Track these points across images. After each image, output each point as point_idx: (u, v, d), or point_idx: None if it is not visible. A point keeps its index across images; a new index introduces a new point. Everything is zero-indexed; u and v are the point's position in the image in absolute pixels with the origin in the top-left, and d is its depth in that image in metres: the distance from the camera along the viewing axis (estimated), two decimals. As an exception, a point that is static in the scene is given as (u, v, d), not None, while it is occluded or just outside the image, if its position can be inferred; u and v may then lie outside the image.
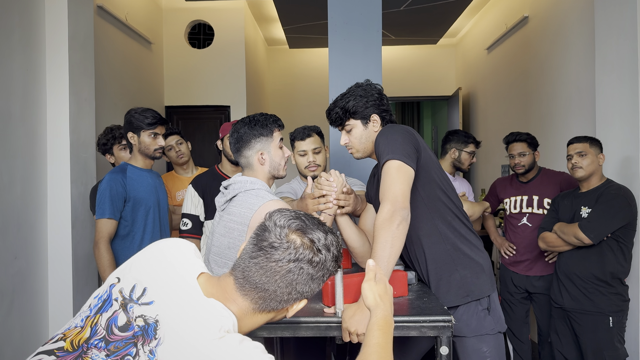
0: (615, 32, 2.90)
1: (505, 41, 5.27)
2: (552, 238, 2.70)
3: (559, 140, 3.80)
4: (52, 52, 3.09)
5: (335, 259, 1.04)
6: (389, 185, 1.61)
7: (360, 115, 1.87)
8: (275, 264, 0.98)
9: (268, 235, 1.00)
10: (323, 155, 2.54)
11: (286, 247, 0.98)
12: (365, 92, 1.88)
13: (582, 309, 2.59)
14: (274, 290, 0.99)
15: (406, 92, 7.42)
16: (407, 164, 1.65)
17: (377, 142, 1.76)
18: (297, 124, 8.76)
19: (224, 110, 5.75)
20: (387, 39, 6.60)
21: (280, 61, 7.57)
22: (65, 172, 3.10)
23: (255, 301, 1.01)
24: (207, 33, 5.86)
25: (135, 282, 1.00)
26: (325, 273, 1.03)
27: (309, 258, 0.99)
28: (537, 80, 4.44)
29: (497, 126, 5.61)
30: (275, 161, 1.94)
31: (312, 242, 1.00)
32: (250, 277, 0.99)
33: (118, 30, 4.48)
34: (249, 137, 1.89)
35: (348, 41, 3.04)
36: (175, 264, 1.03)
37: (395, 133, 1.74)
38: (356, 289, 1.64)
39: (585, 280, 2.57)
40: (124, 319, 0.97)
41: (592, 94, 3.34)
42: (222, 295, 1.01)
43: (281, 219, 1.01)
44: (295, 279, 0.99)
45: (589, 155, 2.61)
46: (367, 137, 1.89)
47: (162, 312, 0.95)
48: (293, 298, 1.02)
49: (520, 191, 3.18)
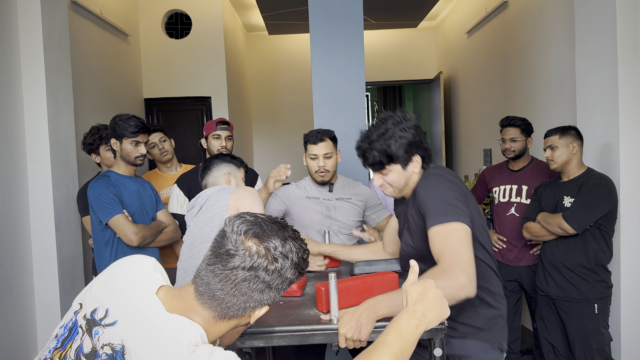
0: (595, 20, 2.92)
1: (485, 25, 5.27)
2: (536, 228, 2.74)
3: (539, 125, 3.84)
4: (27, 53, 3.01)
5: (295, 266, 1.01)
6: (458, 251, 1.50)
7: (402, 160, 1.70)
8: (230, 271, 0.96)
9: (226, 242, 0.98)
10: (334, 160, 2.54)
11: (242, 255, 0.96)
12: (405, 133, 1.69)
13: (568, 297, 2.64)
14: (230, 299, 0.98)
15: (387, 77, 7.41)
16: (468, 225, 1.56)
17: (424, 196, 1.63)
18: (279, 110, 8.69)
19: (205, 101, 5.68)
20: (367, 23, 6.55)
21: (260, 48, 7.49)
22: (47, 174, 3.05)
23: (214, 309, 1.00)
24: (184, 22, 5.75)
25: (97, 305, 0.98)
26: (284, 281, 1.01)
27: (264, 266, 0.97)
28: (517, 65, 4.46)
29: (478, 110, 5.65)
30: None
31: (268, 250, 0.98)
32: (208, 286, 0.98)
33: (93, 24, 4.37)
34: (219, 162, 2.24)
35: (330, 35, 3.02)
36: (133, 281, 1.02)
37: (447, 189, 1.61)
38: (350, 294, 1.65)
39: (571, 268, 2.62)
40: (89, 345, 0.95)
41: (572, 80, 3.37)
42: (184, 307, 1.00)
43: (239, 225, 0.99)
44: (251, 287, 0.98)
45: (560, 147, 2.67)
46: (405, 178, 1.74)
47: (128, 336, 0.93)
48: (251, 306, 1.01)
49: (510, 180, 3.18)
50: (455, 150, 6.66)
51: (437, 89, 6.67)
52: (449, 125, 6.80)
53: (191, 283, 1.02)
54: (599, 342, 2.58)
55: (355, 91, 3.03)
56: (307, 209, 2.57)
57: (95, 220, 2.47)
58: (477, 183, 3.45)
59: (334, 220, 2.57)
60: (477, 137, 5.67)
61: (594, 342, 2.58)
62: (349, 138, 3.01)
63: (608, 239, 2.60)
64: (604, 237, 2.58)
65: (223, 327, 1.03)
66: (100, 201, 2.41)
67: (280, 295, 1.04)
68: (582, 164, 2.72)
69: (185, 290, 1.02)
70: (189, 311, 0.99)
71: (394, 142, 1.68)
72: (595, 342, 2.58)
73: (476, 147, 5.68)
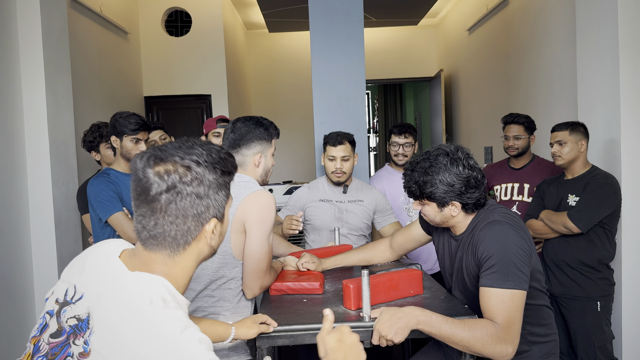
0: (596, 16, 2.91)
1: (486, 23, 5.26)
2: (539, 225, 2.72)
3: (540, 122, 3.83)
4: (26, 51, 2.99)
5: (213, 166, 0.98)
6: (513, 318, 1.49)
7: (438, 201, 1.63)
8: (154, 203, 0.95)
9: (137, 183, 0.96)
10: (351, 163, 2.57)
11: (154, 182, 0.94)
12: (452, 179, 1.58)
13: (571, 295, 2.63)
14: (169, 228, 0.96)
15: (388, 74, 7.40)
16: (526, 290, 1.54)
17: (487, 249, 1.55)
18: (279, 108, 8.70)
19: (205, 99, 5.67)
20: (368, 21, 6.54)
21: (260, 46, 7.47)
22: (46, 172, 3.04)
23: (164, 247, 0.97)
24: (184, 20, 5.74)
25: (67, 286, 0.98)
26: (211, 185, 0.98)
27: (179, 179, 0.95)
28: (518, 63, 4.45)
29: (479, 108, 5.63)
30: (268, 167, 1.92)
31: (175, 164, 0.95)
32: (146, 231, 0.96)
33: (93, 22, 4.36)
34: (251, 137, 1.86)
35: (330, 33, 3.00)
36: (99, 253, 1.02)
37: (514, 246, 1.53)
38: (377, 291, 1.67)
39: (574, 266, 2.60)
40: (55, 326, 0.95)
41: (573, 77, 3.36)
42: (141, 263, 0.98)
43: (141, 161, 0.96)
44: (180, 206, 0.95)
45: (569, 143, 2.62)
46: (442, 218, 1.67)
47: (92, 303, 0.92)
48: (194, 225, 0.98)
49: (512, 178, 3.16)
50: (456, 148, 6.63)
51: (438, 86, 6.65)
52: (449, 123, 6.79)
53: (137, 243, 1.01)
54: (601, 340, 2.57)
55: (355, 89, 3.01)
56: (320, 212, 2.61)
57: (95, 218, 2.46)
58: (478, 181, 3.43)
59: (345, 223, 2.60)
60: (478, 135, 5.65)
61: (597, 340, 2.56)
62: (349, 135, 3.01)
63: (611, 237, 2.58)
64: (607, 236, 2.56)
65: (185, 262, 0.99)
66: (100, 199, 2.41)
67: (219, 201, 1.00)
68: (587, 161, 2.69)
69: (137, 250, 1.00)
70: (145, 264, 0.97)
71: (433, 181, 1.59)
72: (597, 339, 2.56)
73: (477, 145, 5.67)
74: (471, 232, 1.65)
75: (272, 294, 1.88)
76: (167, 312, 0.89)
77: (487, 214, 1.64)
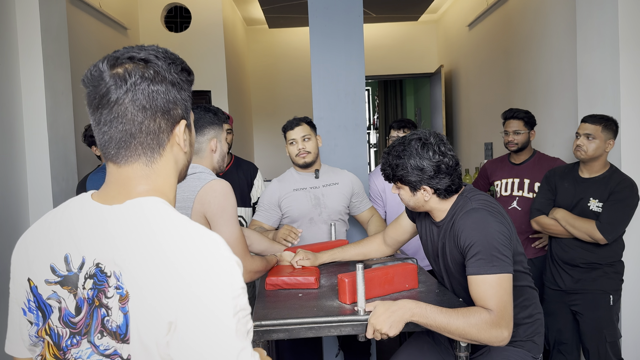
0: (596, 11, 2.90)
1: (486, 18, 5.24)
2: (550, 223, 2.59)
3: (540, 118, 3.82)
4: (25, 46, 2.99)
5: (172, 59, 0.91)
6: (506, 305, 1.52)
7: (409, 184, 1.69)
8: (119, 106, 0.86)
9: (94, 91, 0.87)
10: (313, 143, 2.56)
11: (115, 83, 0.86)
12: (422, 162, 1.63)
13: (583, 289, 2.54)
14: (141, 128, 0.88)
15: (388, 70, 7.38)
16: (512, 272, 1.57)
17: (469, 237, 1.59)
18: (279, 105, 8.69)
19: (205, 95, 5.66)
20: (368, 16, 6.52)
21: (260, 42, 7.46)
22: (45, 168, 3.04)
23: (139, 154, 0.89)
24: (183, 16, 5.73)
25: (51, 262, 0.88)
26: (175, 79, 0.91)
27: (142, 75, 0.87)
28: (518, 58, 4.43)
29: (479, 104, 5.62)
30: (224, 151, 1.94)
31: (132, 59, 0.88)
32: (116, 142, 0.88)
33: (92, 17, 4.35)
34: (203, 123, 1.88)
35: (329, 28, 2.99)
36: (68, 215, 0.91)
37: (494, 232, 1.57)
38: (372, 285, 1.68)
39: (584, 265, 2.53)
40: (71, 303, 0.86)
41: (573, 72, 3.35)
42: (119, 187, 0.90)
43: (93, 70, 0.88)
44: (148, 103, 0.87)
45: (598, 139, 2.44)
46: (415, 202, 1.73)
47: (100, 254, 0.84)
48: (166, 123, 0.90)
49: (512, 173, 3.14)
50: (456, 144, 6.64)
51: (438, 82, 6.64)
52: (450, 119, 6.78)
53: (108, 165, 0.92)
54: (612, 336, 2.49)
55: (355, 84, 3.00)
56: (295, 202, 2.57)
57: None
58: (478, 176, 3.43)
59: (324, 208, 2.57)
60: (478, 131, 5.65)
61: (608, 335, 2.48)
62: (348, 131, 3.00)
63: (620, 238, 2.53)
64: (620, 236, 2.49)
65: (165, 171, 0.92)
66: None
67: (184, 98, 0.94)
68: (606, 161, 2.55)
69: (109, 175, 0.91)
70: (125, 187, 0.89)
71: (404, 165, 1.65)
72: (609, 335, 2.48)
73: (477, 141, 5.66)
74: (451, 219, 1.69)
75: (267, 288, 1.88)
76: (181, 215, 0.86)
77: (466, 202, 1.67)
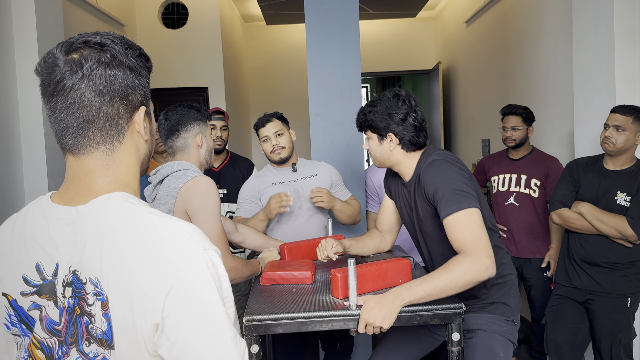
0: (592, 8, 2.90)
1: (483, 15, 5.24)
2: (573, 217, 2.45)
3: (537, 115, 3.82)
4: (20, 42, 2.98)
5: (128, 44, 0.88)
6: (478, 233, 1.57)
7: (377, 131, 1.81)
8: (74, 92, 0.82)
9: (47, 77, 0.83)
10: (286, 137, 2.54)
11: (70, 69, 0.82)
12: (391, 109, 1.77)
13: (602, 290, 2.43)
14: (99, 113, 0.84)
15: (386, 67, 7.37)
16: (479, 208, 1.63)
17: (433, 185, 1.67)
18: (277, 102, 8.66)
19: (202, 92, 5.65)
20: (366, 13, 6.51)
21: (258, 38, 7.44)
22: (42, 164, 3.04)
23: (98, 142, 0.85)
24: (180, 12, 5.71)
25: (24, 273, 0.86)
26: (132, 63, 0.87)
27: (97, 59, 0.83)
28: (516, 55, 4.43)
29: (477, 100, 5.62)
30: (210, 146, 1.96)
31: (87, 44, 0.84)
32: (73, 130, 0.84)
33: (88, 14, 4.34)
34: (187, 119, 1.89)
35: (325, 23, 2.99)
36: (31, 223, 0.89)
37: (453, 176, 1.66)
38: (365, 280, 1.69)
39: (604, 265, 2.42)
40: (53, 312, 0.84)
41: (569, 70, 3.35)
42: (80, 183, 0.86)
43: (48, 54, 0.85)
44: (106, 88, 0.84)
45: (628, 131, 2.31)
46: (382, 152, 1.84)
47: (74, 260, 0.81)
48: (125, 108, 0.87)
49: (510, 169, 3.13)
50: (454, 140, 6.64)
51: (436, 79, 6.64)
52: (447, 115, 6.78)
53: (67, 159, 0.88)
54: (627, 338, 2.41)
55: (350, 80, 3.00)
56: None
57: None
58: (475, 171, 3.42)
59: (304, 201, 2.57)
60: (476, 127, 5.65)
61: (623, 338, 2.40)
62: (344, 127, 3.00)
63: None
64: None
65: (127, 159, 0.89)
66: None
67: (142, 84, 0.90)
68: (634, 155, 2.42)
69: (68, 170, 0.87)
70: (86, 180, 0.86)
71: (375, 110, 1.79)
72: (624, 337, 2.40)
73: (475, 137, 5.66)
74: (417, 176, 1.77)
75: (262, 283, 1.89)
76: (149, 210, 0.84)
77: (427, 157, 1.77)
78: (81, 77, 0.83)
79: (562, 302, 2.60)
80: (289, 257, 2.17)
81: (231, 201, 2.95)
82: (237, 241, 2.29)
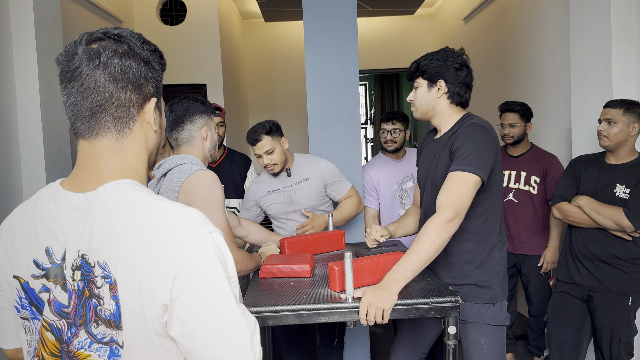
0: (589, 5, 2.91)
1: (481, 12, 5.24)
2: (572, 211, 2.45)
3: (535, 111, 3.83)
4: (18, 37, 2.98)
5: (144, 40, 0.93)
6: (461, 195, 1.64)
7: (427, 76, 1.87)
8: (89, 78, 0.86)
9: (67, 64, 0.87)
10: (278, 152, 2.54)
11: (87, 57, 0.86)
12: (447, 58, 1.86)
13: (603, 288, 2.43)
14: (110, 99, 0.87)
15: (384, 64, 7.38)
16: (483, 181, 1.70)
17: (464, 142, 1.74)
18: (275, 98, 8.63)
19: (200, 89, 5.65)
20: (364, 10, 6.51)
21: (256, 35, 7.44)
22: (40, 160, 3.04)
23: (109, 127, 0.88)
24: (179, 9, 5.71)
25: (34, 257, 0.88)
26: (148, 56, 0.92)
27: (113, 49, 0.88)
28: (514, 51, 4.44)
29: (475, 97, 5.59)
30: (215, 139, 1.95)
31: (106, 34, 0.89)
32: (85, 113, 0.87)
33: (86, 10, 4.34)
34: (192, 111, 1.89)
35: (323, 20, 2.99)
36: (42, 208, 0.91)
37: (484, 143, 1.74)
38: (363, 273, 1.70)
39: (607, 261, 2.41)
40: (62, 296, 0.86)
41: (567, 66, 3.36)
42: (89, 168, 0.88)
43: (70, 44, 0.89)
44: (120, 75, 0.88)
45: (619, 123, 2.33)
46: (427, 101, 1.90)
47: (83, 245, 0.83)
48: (137, 97, 0.91)
49: (509, 166, 3.14)
50: (451, 137, 6.64)
51: (434, 76, 6.63)
52: (445, 112, 6.78)
53: (78, 144, 0.91)
54: (627, 336, 2.42)
55: (348, 76, 3.01)
56: (271, 202, 2.65)
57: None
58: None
59: (297, 205, 2.63)
60: (474, 124, 5.65)
61: (623, 336, 2.41)
62: (342, 123, 3.01)
63: None
64: None
65: (135, 147, 0.91)
66: None
67: (155, 77, 0.95)
68: (634, 148, 2.42)
69: (79, 154, 0.90)
70: (95, 165, 0.88)
71: (431, 57, 1.86)
72: (624, 335, 2.41)
73: (472, 134, 5.67)
74: (454, 132, 1.83)
75: (261, 276, 1.90)
76: (155, 196, 0.86)
77: (469, 119, 1.84)
78: (97, 64, 0.87)
79: (564, 300, 2.60)
80: (289, 251, 2.18)
81: (228, 197, 2.96)
82: (240, 235, 2.31)
